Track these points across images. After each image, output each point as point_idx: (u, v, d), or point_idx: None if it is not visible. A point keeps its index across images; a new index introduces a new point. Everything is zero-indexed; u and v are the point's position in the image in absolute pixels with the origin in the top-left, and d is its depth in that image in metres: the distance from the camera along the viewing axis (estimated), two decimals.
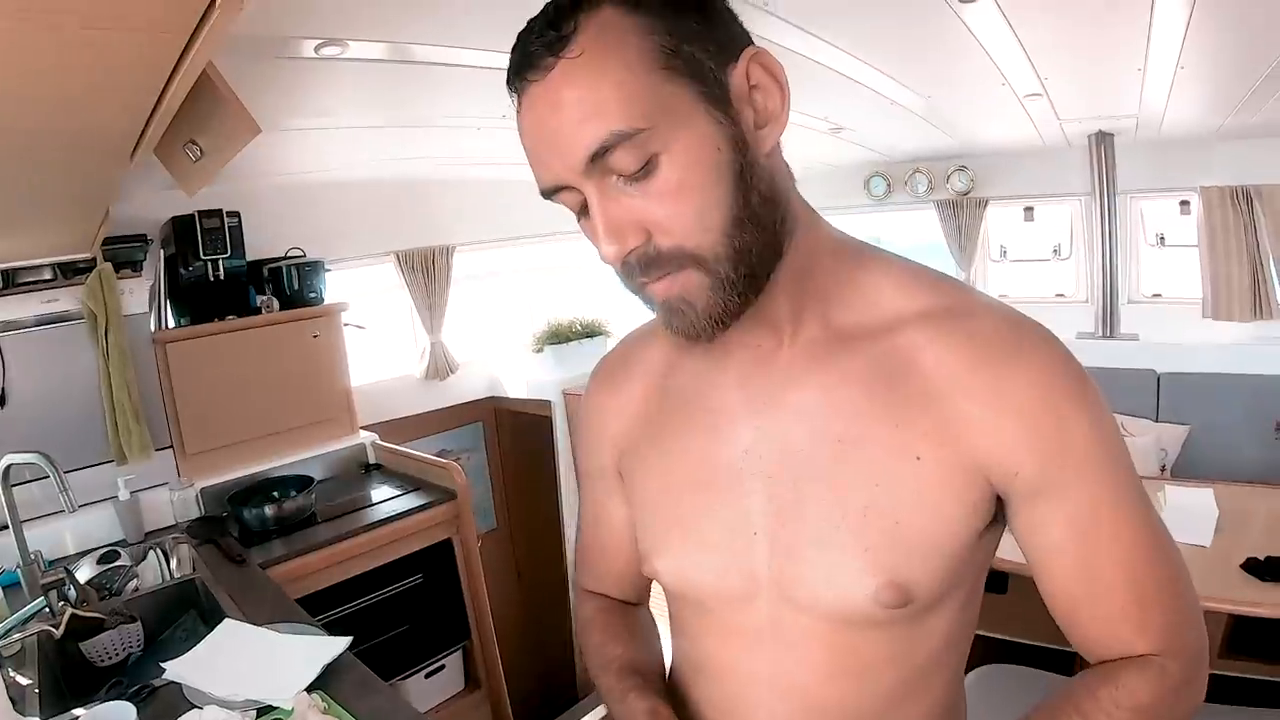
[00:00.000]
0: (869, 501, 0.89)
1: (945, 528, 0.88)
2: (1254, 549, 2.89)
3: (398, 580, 3.30)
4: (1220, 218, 4.78)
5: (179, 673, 1.96)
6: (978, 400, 0.86)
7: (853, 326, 0.93)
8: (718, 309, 0.85)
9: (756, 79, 0.83)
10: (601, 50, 0.76)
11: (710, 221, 0.80)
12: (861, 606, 0.89)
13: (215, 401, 3.55)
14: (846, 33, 2.89)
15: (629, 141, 0.76)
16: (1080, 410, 0.86)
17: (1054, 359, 0.88)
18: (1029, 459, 0.86)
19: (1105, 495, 0.87)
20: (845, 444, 0.90)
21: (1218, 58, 3.23)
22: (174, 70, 1.28)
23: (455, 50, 2.58)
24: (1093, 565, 0.88)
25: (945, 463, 0.87)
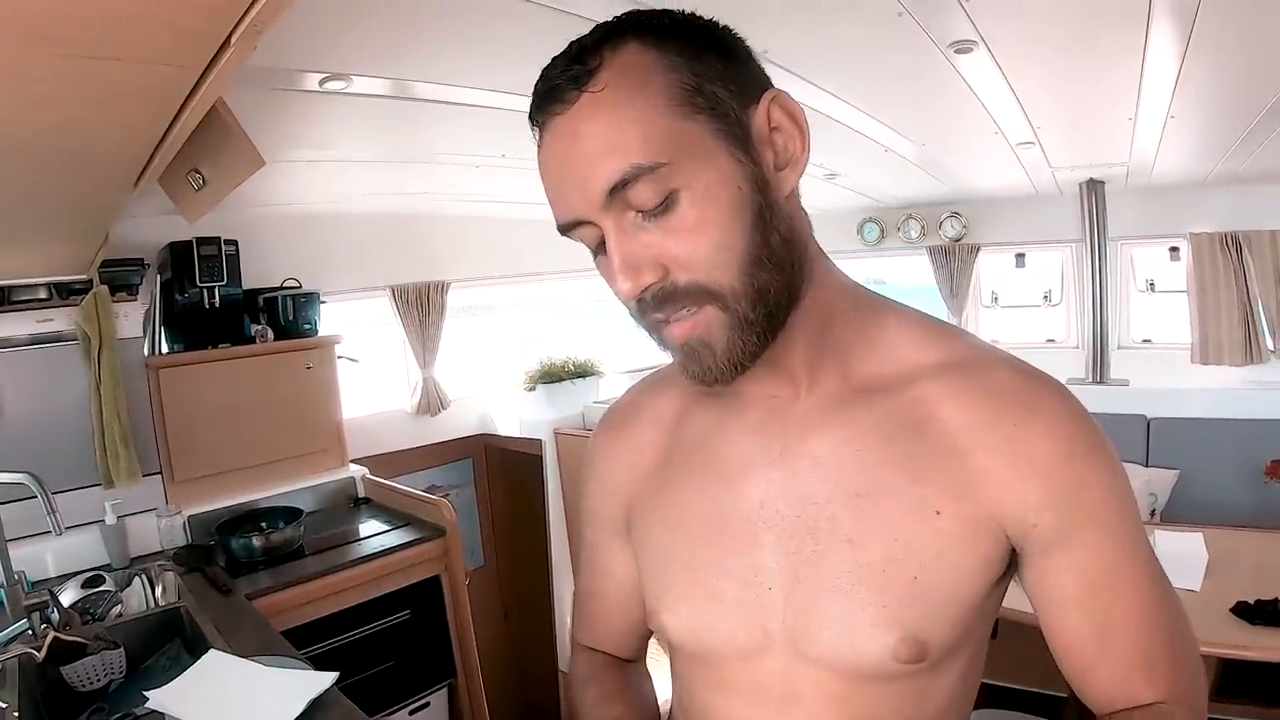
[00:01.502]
0: (888, 556, 0.87)
1: (962, 583, 0.88)
2: (1244, 593, 2.90)
3: (384, 616, 3.27)
4: (1210, 264, 4.85)
5: (162, 702, 1.93)
6: (996, 455, 0.87)
7: (870, 379, 0.93)
8: (736, 350, 0.84)
9: (777, 120, 0.83)
10: (625, 85, 0.77)
11: (729, 258, 0.80)
12: (878, 661, 0.88)
13: (206, 429, 3.54)
14: (843, 80, 2.92)
15: (649, 176, 0.76)
16: (1096, 465, 0.87)
17: (1070, 414, 0.88)
18: (1046, 513, 0.86)
19: (1118, 548, 0.88)
20: (863, 498, 0.89)
21: (1207, 107, 3.28)
22: (185, 103, 1.30)
23: (457, 89, 2.60)
24: (1105, 618, 0.88)
25: (964, 518, 0.87)
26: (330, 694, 1.97)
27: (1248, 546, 3.48)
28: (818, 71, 2.78)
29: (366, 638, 3.19)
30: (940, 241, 5.79)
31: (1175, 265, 5.20)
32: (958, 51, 2.56)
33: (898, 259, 6.27)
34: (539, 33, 2.16)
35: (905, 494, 0.88)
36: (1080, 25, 2.42)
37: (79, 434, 3.21)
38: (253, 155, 1.99)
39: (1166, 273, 5.31)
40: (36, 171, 1.57)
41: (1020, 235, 5.64)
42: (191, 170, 2.12)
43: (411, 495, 3.74)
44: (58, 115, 1.21)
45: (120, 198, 2.12)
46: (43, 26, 0.95)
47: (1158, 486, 4.46)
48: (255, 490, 3.64)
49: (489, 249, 5.01)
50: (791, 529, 0.93)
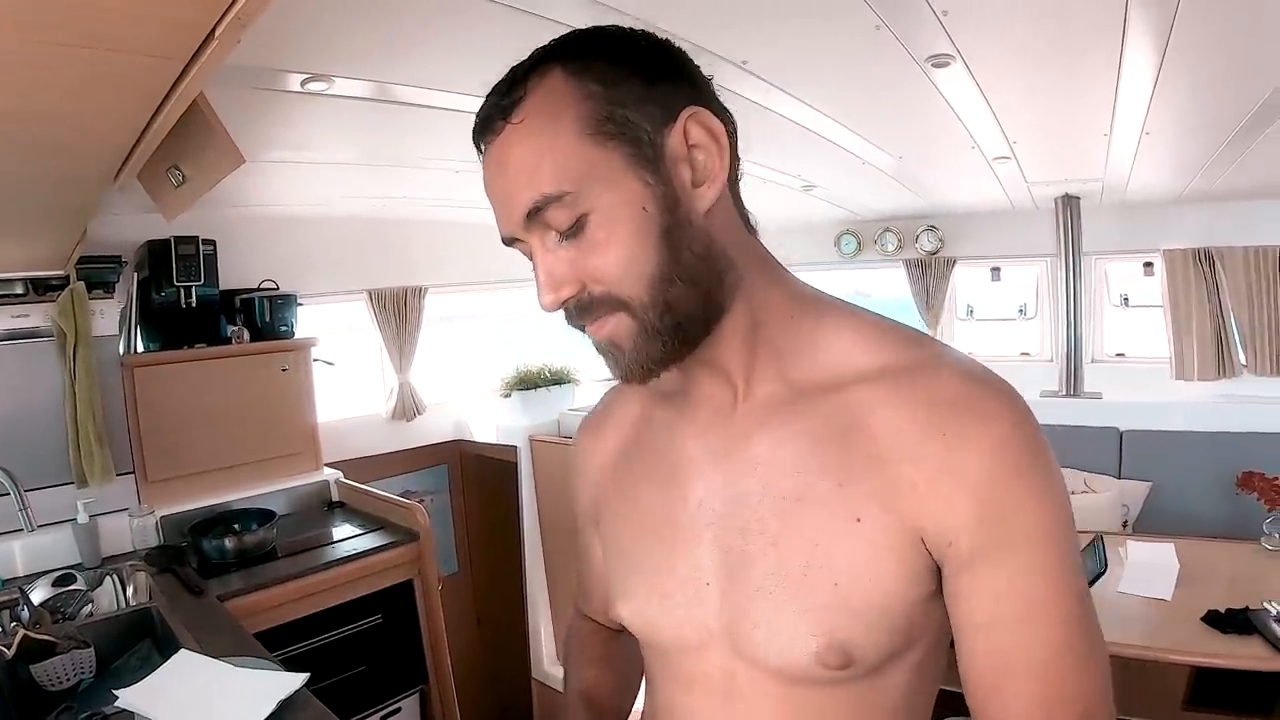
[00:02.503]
0: (809, 561, 0.88)
1: (886, 591, 0.86)
2: (1215, 602, 2.94)
3: (356, 620, 3.26)
4: (1183, 279, 4.92)
5: (132, 701, 1.92)
6: (922, 467, 0.84)
7: (808, 382, 0.93)
8: (644, 355, 0.88)
9: (695, 138, 0.86)
10: (540, 117, 0.82)
11: (637, 274, 0.84)
12: (803, 666, 0.89)
13: (180, 429, 3.52)
14: (821, 92, 2.94)
15: (558, 203, 0.82)
16: (1027, 489, 0.83)
17: (1011, 431, 0.83)
18: (964, 533, 0.83)
19: (1036, 581, 0.83)
20: (789, 500, 0.90)
21: (1181, 125, 3.32)
22: (167, 96, 1.30)
23: (438, 93, 2.61)
24: (1011, 653, 0.83)
25: (887, 527, 0.85)
26: (300, 695, 1.97)
27: (1219, 557, 3.52)
28: (796, 83, 2.80)
29: (338, 641, 3.18)
30: (917, 254, 5.84)
31: (1149, 280, 5.27)
32: (935, 66, 2.59)
33: (875, 271, 6.31)
34: (519, 37, 2.17)
35: (829, 499, 0.88)
36: (1057, 41, 2.45)
37: (52, 431, 3.19)
38: (233, 152, 1.99)
39: (1140, 288, 5.37)
40: (16, 162, 1.57)
41: (996, 249, 5.69)
42: (171, 167, 2.12)
43: (385, 499, 3.74)
44: (40, 103, 1.21)
45: (100, 191, 2.11)
46: (30, 12, 0.95)
47: (1130, 498, 4.50)
48: (228, 492, 3.63)
49: (467, 255, 5.00)
50: (726, 529, 0.95)
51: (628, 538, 1.08)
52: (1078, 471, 4.73)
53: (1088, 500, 4.54)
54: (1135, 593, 3.22)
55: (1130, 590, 3.24)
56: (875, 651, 0.87)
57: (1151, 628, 3.03)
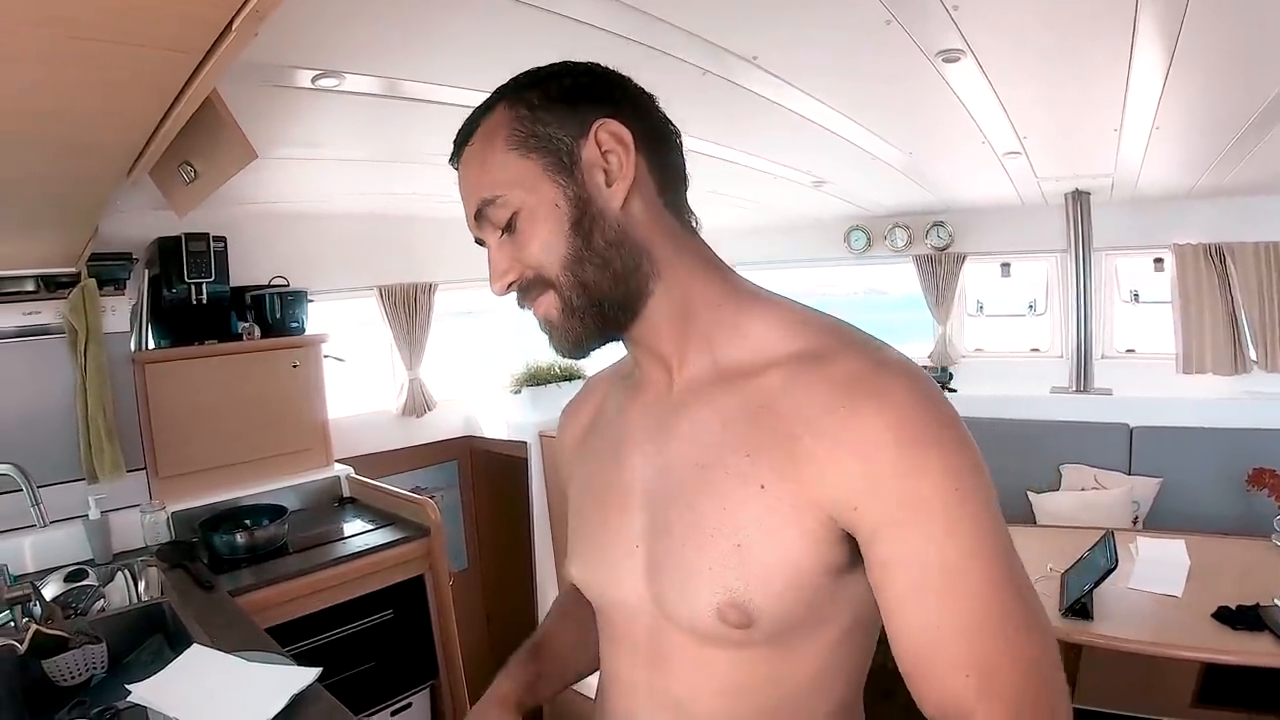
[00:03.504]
0: (717, 525, 0.96)
1: (784, 555, 0.92)
2: (1226, 598, 2.93)
3: (367, 615, 3.27)
4: (1193, 275, 4.89)
5: (144, 696, 1.92)
6: (822, 439, 0.90)
7: (733, 366, 1.02)
8: (571, 331, 1.03)
9: (607, 145, 0.99)
10: (483, 140, 1.02)
11: (554, 257, 1.00)
12: (707, 623, 0.96)
13: (191, 425, 3.54)
14: (831, 87, 2.93)
15: (492, 205, 1.00)
16: (931, 455, 0.87)
17: (909, 402, 0.89)
18: (868, 499, 0.88)
19: (955, 546, 0.85)
20: (703, 470, 1.00)
21: (1192, 120, 3.30)
22: (182, 91, 1.31)
23: (448, 89, 2.60)
24: (937, 620, 0.86)
25: (788, 496, 0.92)
26: (313, 689, 1.96)
27: (1229, 553, 3.51)
28: (806, 78, 2.79)
29: (349, 637, 3.18)
30: (926, 250, 5.81)
31: (1159, 276, 5.24)
32: (945, 60, 2.58)
33: (887, 268, 6.29)
34: (529, 32, 2.17)
35: (736, 468, 0.96)
36: (1067, 36, 2.44)
37: (63, 428, 3.21)
38: (245, 147, 1.99)
39: (1151, 283, 5.34)
40: (31, 159, 1.57)
41: (1006, 245, 5.67)
42: (183, 163, 2.12)
43: (396, 495, 3.74)
44: (56, 100, 1.22)
45: (112, 187, 2.12)
46: (51, 9, 0.96)
47: (1140, 494, 4.49)
48: (239, 488, 3.65)
49: (477, 251, 4.92)
50: (654, 496, 1.06)
51: (581, 504, 1.21)
52: (1087, 468, 4.72)
53: (1098, 497, 4.53)
54: (1146, 589, 3.22)
55: (1141, 587, 3.23)
56: (775, 612, 0.93)
57: (1162, 624, 3.02)
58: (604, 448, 1.19)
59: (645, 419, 1.12)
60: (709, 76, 2.60)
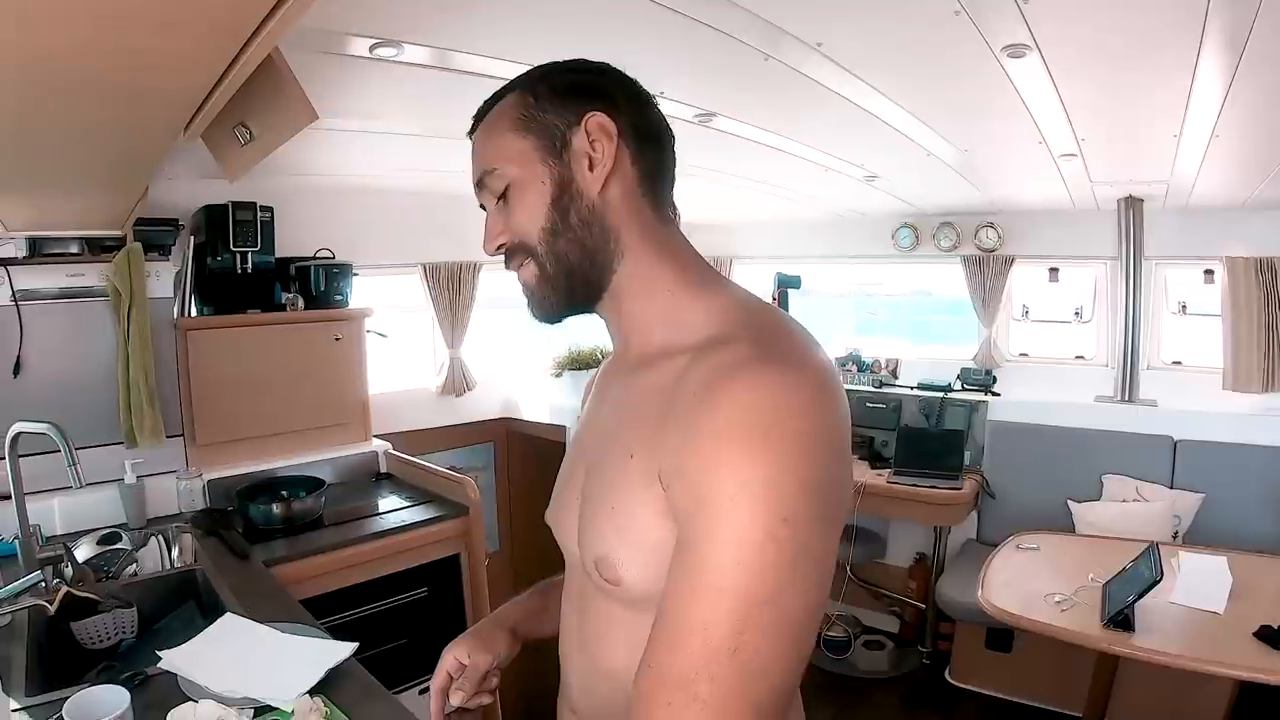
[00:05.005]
0: (603, 486, 1.08)
1: (640, 524, 0.99)
2: (1267, 618, 2.90)
3: (401, 592, 3.27)
4: (1244, 288, 4.79)
5: (175, 663, 1.92)
6: (673, 420, 0.96)
7: (666, 347, 1.10)
8: (543, 294, 1.14)
9: (594, 135, 1.08)
10: (494, 119, 1.13)
11: (535, 227, 1.10)
12: (593, 576, 1.07)
13: (231, 394, 3.56)
14: (893, 80, 2.90)
15: (491, 175, 1.12)
16: (734, 458, 0.86)
17: (752, 400, 0.89)
18: (677, 480, 0.93)
19: (709, 549, 0.86)
20: (610, 437, 1.12)
21: (1252, 130, 3.24)
22: (249, 41, 1.31)
23: (504, 64, 2.58)
24: (672, 601, 0.89)
25: (644, 469, 0.99)
26: (349, 664, 1.97)
27: (1271, 572, 3.47)
28: (869, 68, 2.75)
29: (382, 613, 3.19)
30: (974, 251, 5.75)
31: (1208, 288, 5.15)
32: (1010, 56, 2.54)
33: (938, 269, 6.24)
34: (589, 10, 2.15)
35: (623, 439, 1.06)
36: (1134, 36, 2.40)
37: (103, 391, 3.23)
38: (305, 107, 1.99)
39: (1200, 295, 5.26)
40: (91, 104, 1.56)
41: (1055, 249, 5.58)
42: (238, 124, 2.11)
43: (435, 472, 3.75)
44: (118, 40, 1.22)
45: (168, 143, 2.11)
46: None
47: (1182, 509, 4.43)
48: (276, 459, 3.66)
49: None
50: (589, 456, 1.17)
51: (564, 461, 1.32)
52: (1130, 479, 4.67)
53: (1139, 509, 4.48)
54: (1188, 604, 3.19)
55: (1182, 601, 3.20)
56: (634, 575, 1.01)
57: (1203, 640, 2.99)
58: (585, 414, 1.36)
59: (604, 386, 1.29)
60: (771, 62, 2.56)
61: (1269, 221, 4.76)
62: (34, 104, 1.55)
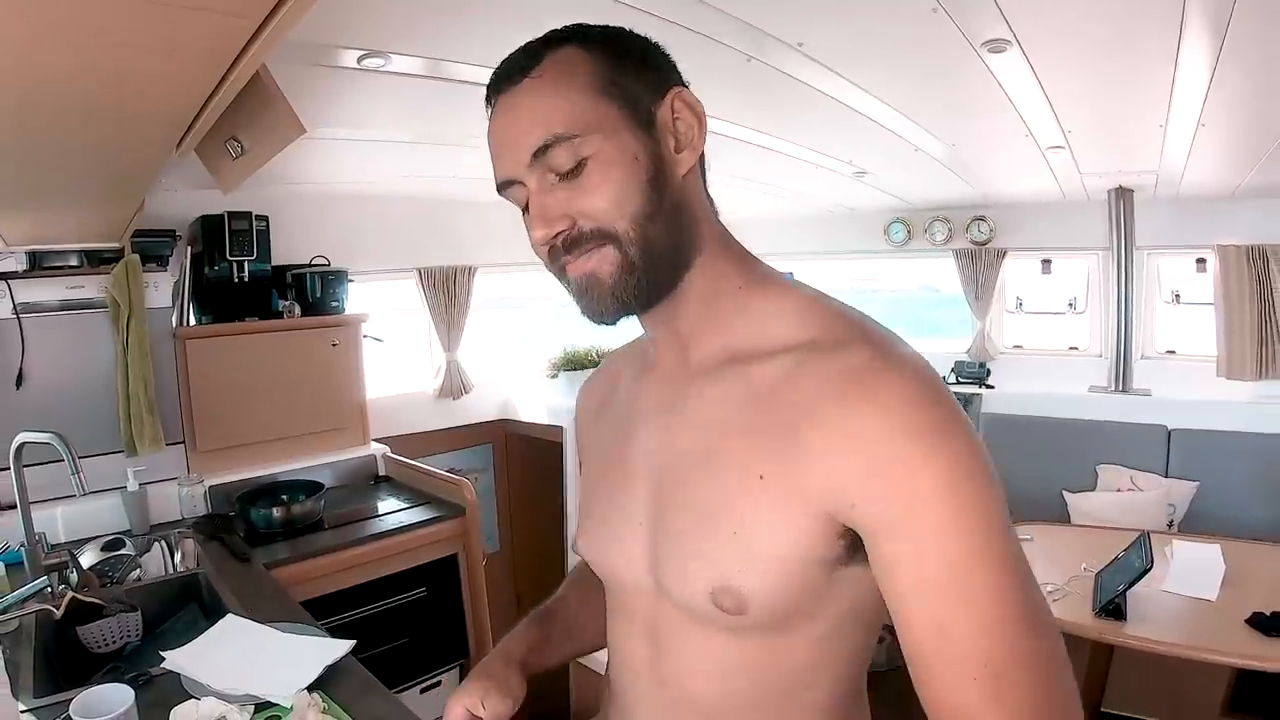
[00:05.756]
0: (715, 510, 0.96)
1: (780, 547, 0.91)
2: (1260, 605, 2.91)
3: (400, 592, 3.30)
4: (1236, 276, 4.81)
5: (178, 663, 1.96)
6: (821, 430, 0.89)
7: (745, 350, 1.01)
8: (621, 287, 0.98)
9: (679, 111, 0.99)
10: (556, 75, 0.95)
11: (625, 209, 0.95)
12: (702, 606, 0.97)
13: (230, 401, 3.59)
14: (876, 77, 2.92)
15: (565, 144, 0.93)
16: (931, 451, 0.83)
17: (912, 395, 0.86)
18: (866, 495, 0.86)
19: (959, 545, 0.82)
20: (709, 454, 0.99)
21: (1238, 117, 3.26)
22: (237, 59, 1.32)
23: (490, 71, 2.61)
24: (941, 621, 0.83)
25: (785, 487, 0.91)
26: (347, 662, 1.99)
27: (1265, 559, 3.48)
28: (851, 66, 2.78)
29: (381, 613, 3.22)
30: (966, 244, 5.77)
31: (1201, 277, 5.17)
32: (991, 51, 2.56)
33: (925, 260, 6.26)
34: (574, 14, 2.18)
35: (739, 456, 0.96)
36: (1114, 27, 2.41)
37: (104, 401, 3.26)
38: (293, 122, 2.02)
39: (1192, 284, 5.28)
40: (85, 126, 1.59)
41: (1047, 241, 5.61)
42: (230, 138, 2.15)
43: (432, 474, 3.77)
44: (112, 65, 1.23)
45: (162, 160, 2.14)
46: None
47: (1176, 497, 4.45)
48: (276, 463, 3.69)
49: (517, 235, 4.91)
50: (658, 475, 1.07)
51: (590, 478, 1.24)
52: (1124, 469, 4.68)
53: (1134, 498, 4.50)
54: (1180, 592, 3.20)
55: (1175, 589, 3.21)
56: (768, 603, 0.93)
57: (1195, 627, 3.01)
58: (616, 423, 1.20)
59: (656, 396, 1.12)
60: (754, 63, 2.59)
61: (1260, 210, 4.78)
62: (33, 125, 1.58)
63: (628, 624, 1.14)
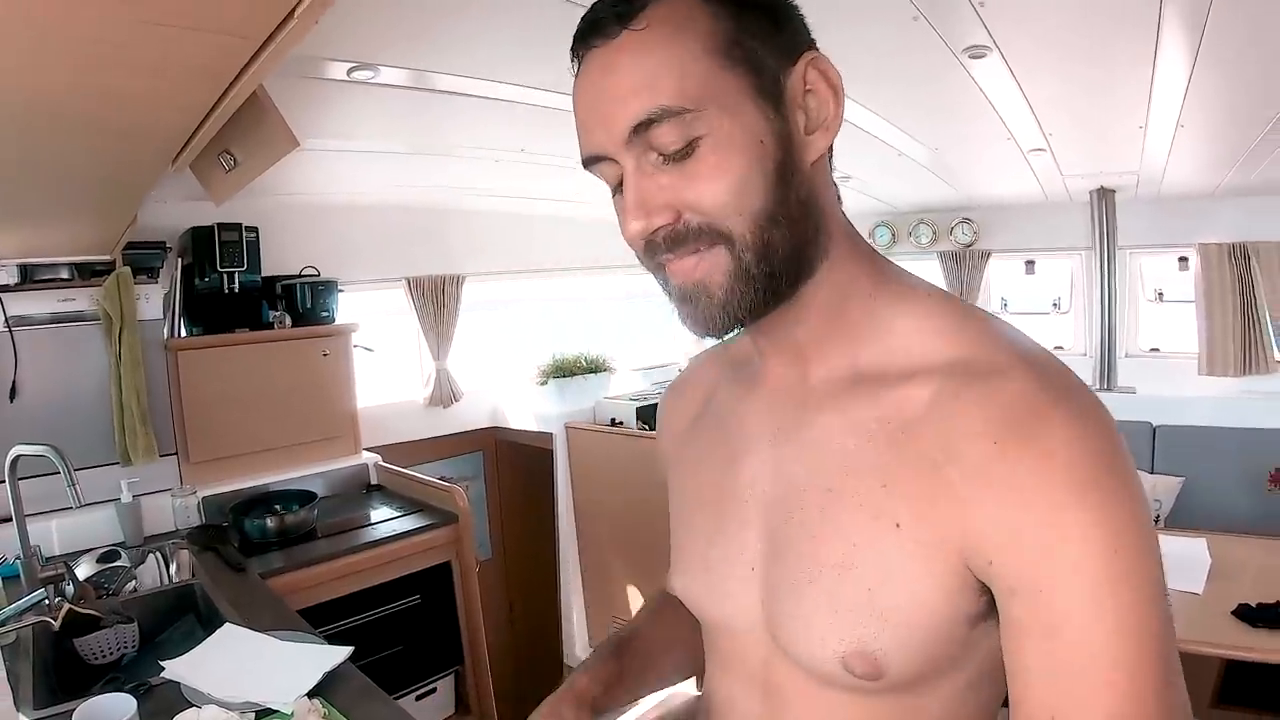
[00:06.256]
0: (844, 561, 0.83)
1: (920, 606, 0.79)
2: (1246, 597, 2.93)
3: (394, 600, 3.31)
4: (1218, 274, 4.88)
5: (178, 672, 1.96)
6: (969, 473, 0.75)
7: (876, 369, 0.86)
8: (734, 299, 0.82)
9: (812, 83, 0.81)
10: (666, 27, 0.76)
11: (743, 206, 0.78)
12: (829, 669, 0.84)
13: (222, 411, 3.59)
14: (858, 84, 2.94)
15: (675, 119, 0.76)
16: (1086, 510, 0.70)
17: (1075, 441, 0.72)
18: (1006, 551, 0.73)
19: (1101, 624, 0.69)
20: (833, 494, 0.85)
21: (1216, 118, 3.31)
22: (237, 77, 1.33)
23: (480, 82, 2.64)
24: (1063, 705, 0.71)
25: (924, 537, 0.78)
26: (345, 668, 2.00)
27: (1250, 552, 3.50)
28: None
29: (376, 621, 3.23)
30: (951, 247, 5.82)
31: (1183, 275, 5.24)
32: (972, 57, 2.60)
33: (910, 263, 6.28)
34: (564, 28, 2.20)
35: (870, 498, 0.82)
36: (1092, 32, 2.45)
37: (96, 413, 3.27)
38: (287, 136, 2.03)
39: (1175, 282, 5.34)
40: (83, 139, 1.60)
41: (1031, 242, 5.67)
42: (223, 151, 2.16)
43: (424, 482, 3.78)
44: (112, 82, 1.24)
45: (157, 174, 2.15)
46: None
47: (1162, 493, 4.48)
48: (269, 474, 3.69)
49: (505, 244, 5.05)
50: (773, 511, 0.92)
51: (685, 508, 1.07)
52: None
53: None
54: (1167, 586, 3.22)
55: None
56: (907, 667, 0.81)
57: (1182, 620, 2.97)
58: (714, 444, 1.03)
59: (766, 418, 0.96)
60: None
61: (1240, 208, 4.85)
62: (30, 141, 1.59)
63: (736, 674, 0.99)
